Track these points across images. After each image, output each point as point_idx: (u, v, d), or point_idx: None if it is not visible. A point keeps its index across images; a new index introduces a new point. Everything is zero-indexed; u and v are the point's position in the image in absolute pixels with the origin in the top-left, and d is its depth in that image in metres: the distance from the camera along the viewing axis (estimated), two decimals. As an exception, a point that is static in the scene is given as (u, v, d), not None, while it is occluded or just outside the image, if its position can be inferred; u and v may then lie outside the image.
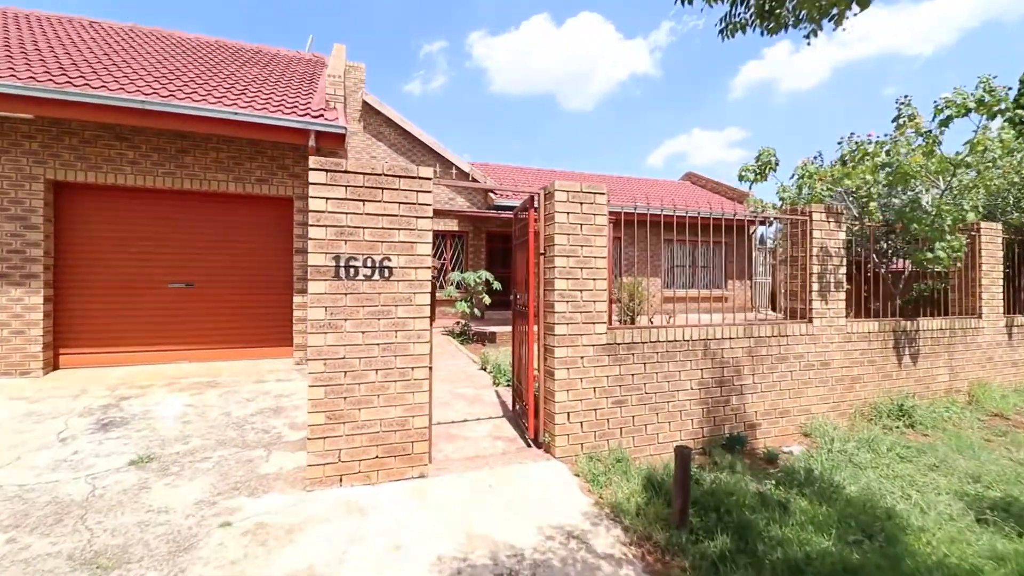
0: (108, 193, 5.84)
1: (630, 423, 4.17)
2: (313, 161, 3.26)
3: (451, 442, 4.20)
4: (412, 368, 3.47)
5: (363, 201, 3.35)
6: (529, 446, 4.13)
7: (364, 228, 3.35)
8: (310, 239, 3.24)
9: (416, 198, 3.48)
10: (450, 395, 5.62)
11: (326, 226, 3.27)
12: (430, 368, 3.65)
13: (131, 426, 4.29)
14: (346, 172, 3.32)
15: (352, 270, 3.33)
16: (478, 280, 9.63)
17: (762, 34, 2.75)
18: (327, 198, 3.28)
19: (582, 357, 3.98)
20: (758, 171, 5.86)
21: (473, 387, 5.98)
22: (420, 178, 3.50)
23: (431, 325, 3.67)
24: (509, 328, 10.37)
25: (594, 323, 4.02)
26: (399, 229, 3.44)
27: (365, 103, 12.04)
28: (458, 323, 10.04)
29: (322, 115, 6.01)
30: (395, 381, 3.42)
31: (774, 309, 17.23)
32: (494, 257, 13.42)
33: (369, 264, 3.36)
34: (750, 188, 5.38)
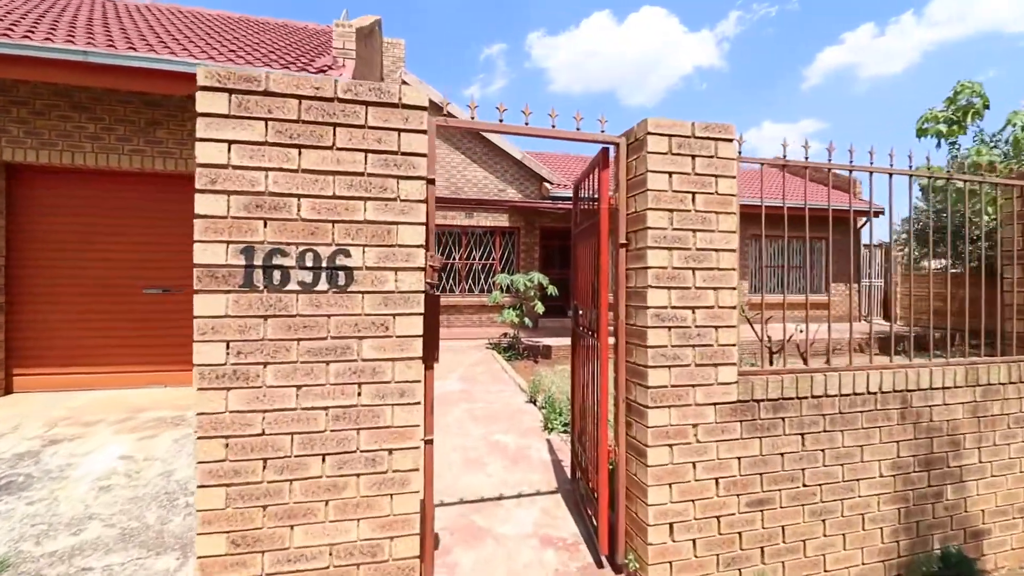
0: (69, 178, 4.75)
1: (778, 538, 2.41)
2: (203, 74, 1.77)
3: (472, 546, 2.62)
4: (389, 452, 1.91)
5: (298, 148, 1.84)
6: (601, 566, 2.47)
7: (300, 197, 1.83)
8: (197, 217, 1.76)
9: (398, 143, 1.92)
10: (484, 445, 4.05)
11: (228, 193, 1.78)
12: (427, 444, 2.08)
13: (28, 492, 3.04)
14: (267, 94, 1.82)
15: (278, 274, 1.82)
16: (529, 284, 8.03)
17: None
18: (230, 142, 1.79)
19: (695, 425, 2.28)
20: (955, 118, 3.83)
21: (517, 432, 4.37)
22: (404, 107, 1.94)
23: (428, 370, 2.10)
24: (566, 341, 8.69)
25: (716, 364, 2.31)
26: (365, 199, 1.89)
27: (404, 83, 10.76)
28: (505, 335, 8.48)
29: (325, 71, 4.64)
30: (358, 476, 1.88)
31: (887, 318, 14.41)
32: (550, 257, 11.77)
33: (310, 263, 1.84)
34: (939, 145, 3.70)
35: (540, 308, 7.94)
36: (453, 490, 3.25)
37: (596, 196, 2.56)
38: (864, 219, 13.38)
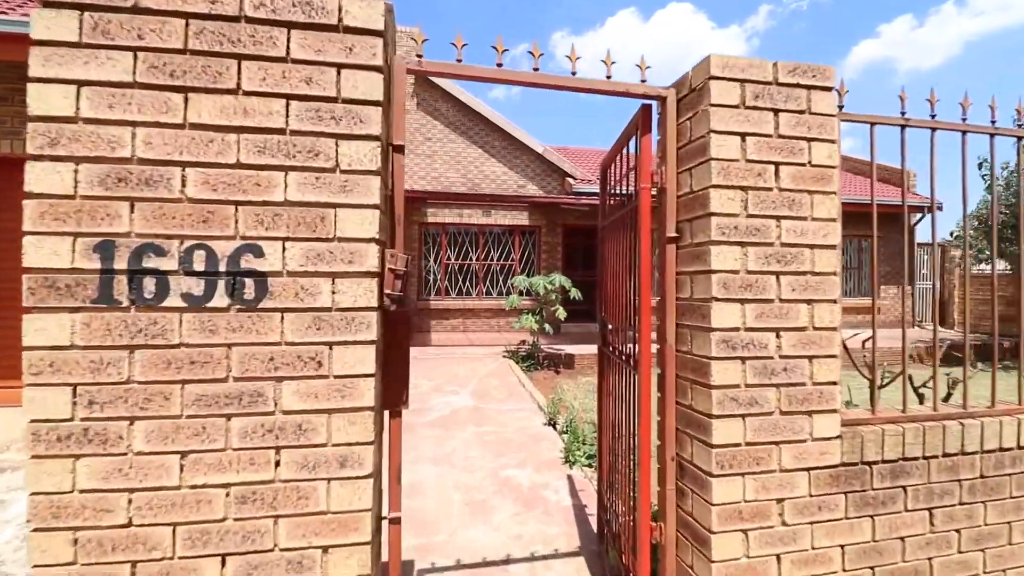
0: None
1: (899, 661, 1.68)
2: (35, -24, 1.16)
3: (466, 643, 1.96)
4: (324, 550, 1.27)
5: (184, 92, 1.21)
6: None
7: (186, 167, 1.21)
8: (28, 197, 1.16)
9: (336, 84, 1.28)
10: (492, 483, 3.40)
11: (75, 160, 1.17)
12: (392, 525, 1.44)
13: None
14: (137, 11, 1.20)
15: (151, 282, 1.20)
16: (550, 286, 7.35)
17: None
18: (80, 83, 1.18)
19: (781, 502, 1.57)
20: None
21: (532, 465, 3.71)
22: (348, 30, 1.29)
23: (394, 419, 1.46)
24: (590, 348, 7.98)
25: (810, 412, 1.60)
26: (286, 169, 1.26)
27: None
28: (523, 343, 7.82)
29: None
30: (275, 587, 1.25)
31: (943, 324, 13.19)
32: (573, 258, 11.06)
33: (200, 266, 1.22)
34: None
35: (562, 314, 7.25)
36: (450, 547, 2.60)
37: (632, 173, 1.87)
38: (919, 215, 12.23)
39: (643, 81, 1.73)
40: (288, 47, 1.26)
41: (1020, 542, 1.83)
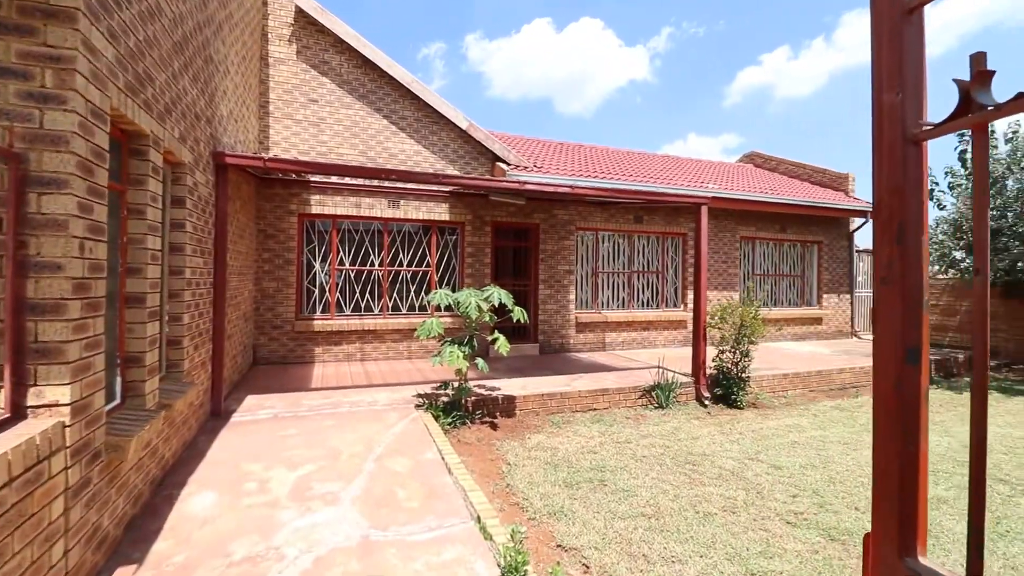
0: None
1: None
2: None
3: None
4: None
5: None
6: None
7: None
8: None
9: None
10: None
11: None
12: None
13: None
14: None
15: None
16: (483, 305, 5.16)
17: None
18: None
19: None
20: None
21: None
22: None
23: None
24: (536, 381, 5.88)
25: None
26: None
27: (300, 10, 7.51)
28: (442, 385, 5.53)
29: None
30: None
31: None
32: (503, 263, 8.96)
33: None
34: None
35: (504, 348, 5.05)
36: None
37: None
38: (860, 220, 11.67)
39: None
40: None
41: None
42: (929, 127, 0.56)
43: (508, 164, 8.23)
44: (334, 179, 7.48)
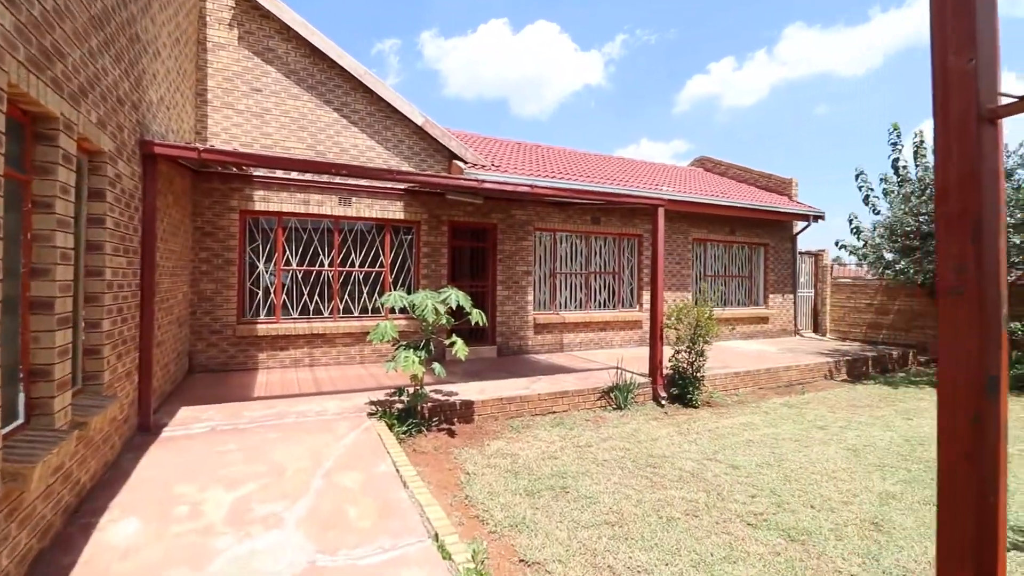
0: None
1: None
2: None
3: None
4: None
5: None
6: None
7: None
8: None
9: None
10: None
11: None
12: None
13: None
14: None
15: None
16: (440, 308, 4.95)
17: None
18: None
19: None
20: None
21: None
22: None
23: None
24: (494, 384, 5.73)
25: None
26: None
27: (240, -5, 7.03)
28: (397, 391, 5.28)
29: None
30: None
31: (816, 331, 13.55)
32: (460, 264, 8.74)
33: None
34: None
35: (462, 352, 4.87)
36: None
37: None
38: (804, 223, 12.22)
39: None
40: None
41: None
42: (1013, 100, 0.45)
43: (466, 162, 8.04)
44: (280, 174, 7.05)
